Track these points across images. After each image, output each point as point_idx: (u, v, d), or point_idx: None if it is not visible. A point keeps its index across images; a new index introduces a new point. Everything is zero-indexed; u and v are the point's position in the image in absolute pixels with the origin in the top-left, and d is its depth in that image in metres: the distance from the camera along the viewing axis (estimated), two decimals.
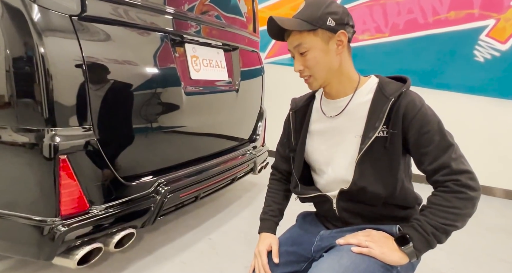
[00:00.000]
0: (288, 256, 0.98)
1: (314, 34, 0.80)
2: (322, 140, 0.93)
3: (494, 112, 2.56)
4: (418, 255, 0.78)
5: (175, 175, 1.45)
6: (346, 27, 0.82)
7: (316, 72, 0.84)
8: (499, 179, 2.64)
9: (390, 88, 0.83)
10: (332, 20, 0.79)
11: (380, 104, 0.82)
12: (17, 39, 0.99)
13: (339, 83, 0.86)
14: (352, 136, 0.86)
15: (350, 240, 0.82)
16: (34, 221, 1.02)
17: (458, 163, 0.76)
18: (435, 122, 0.79)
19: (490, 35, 2.47)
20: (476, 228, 2.04)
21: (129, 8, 1.23)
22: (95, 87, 1.11)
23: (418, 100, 0.81)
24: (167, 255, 1.60)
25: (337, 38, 0.81)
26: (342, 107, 0.87)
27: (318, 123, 0.95)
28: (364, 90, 0.86)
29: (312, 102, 0.98)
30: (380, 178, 0.83)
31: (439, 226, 0.75)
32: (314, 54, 0.82)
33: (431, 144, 0.77)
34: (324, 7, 0.80)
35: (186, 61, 1.54)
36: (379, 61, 2.91)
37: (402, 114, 0.79)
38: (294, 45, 0.83)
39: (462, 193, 0.74)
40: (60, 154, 1.00)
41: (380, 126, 0.80)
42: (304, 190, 0.97)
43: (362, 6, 2.91)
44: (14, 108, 1.02)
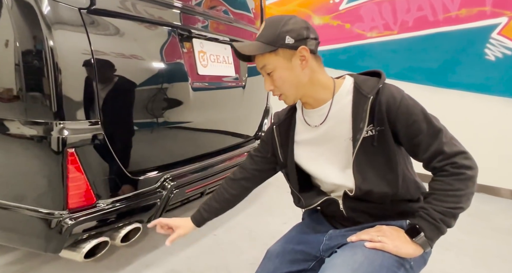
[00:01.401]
0: (295, 254, 0.97)
1: (276, 54, 0.81)
2: (312, 148, 0.92)
3: (504, 112, 2.52)
4: (431, 244, 0.77)
5: (181, 170, 1.45)
6: (307, 41, 0.82)
7: (286, 90, 0.85)
8: (507, 179, 2.60)
9: (367, 86, 0.82)
10: (290, 38, 0.80)
11: (361, 104, 0.81)
12: (26, 32, 0.99)
13: (314, 93, 0.86)
14: (343, 140, 0.85)
15: (362, 236, 0.82)
16: (42, 214, 1.03)
17: (450, 145, 0.76)
18: (419, 111, 0.78)
19: (502, 33, 2.41)
20: (484, 229, 2.01)
21: (137, 2, 1.22)
22: (103, 81, 1.11)
23: (397, 93, 0.80)
24: (172, 250, 1.61)
25: (299, 54, 0.81)
26: (324, 115, 0.87)
27: (304, 134, 0.93)
28: (342, 93, 0.86)
29: (294, 114, 0.96)
30: (382, 177, 0.82)
31: (446, 211, 0.75)
32: (279, 74, 0.83)
33: (421, 133, 0.77)
34: (281, 26, 0.80)
35: (194, 56, 1.53)
36: (387, 59, 2.87)
37: (385, 110, 0.79)
38: (260, 67, 0.85)
39: (462, 174, 0.75)
40: (68, 147, 1.00)
41: (365, 127, 0.80)
42: (308, 200, 0.95)
43: (370, 3, 2.87)
44: (23, 101, 1.02)
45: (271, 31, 0.81)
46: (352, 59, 3.03)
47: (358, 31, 2.98)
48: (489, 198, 2.58)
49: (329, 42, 3.13)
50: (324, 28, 3.14)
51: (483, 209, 2.33)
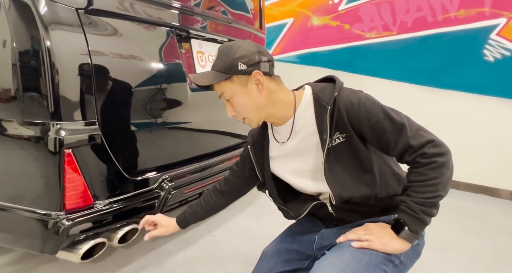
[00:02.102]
0: (290, 254, 0.98)
1: (231, 81, 0.83)
2: (287, 162, 0.93)
3: (502, 113, 2.52)
4: (416, 236, 0.78)
5: (179, 171, 1.45)
6: (260, 65, 0.82)
7: (247, 114, 0.86)
8: (506, 180, 2.60)
9: (325, 96, 0.83)
10: (243, 64, 0.81)
11: (322, 115, 0.82)
12: (23, 32, 0.99)
13: (277, 112, 0.87)
14: (314, 151, 0.86)
15: (350, 236, 0.84)
16: (39, 215, 1.02)
17: (416, 137, 0.77)
18: (379, 110, 0.79)
19: (501, 34, 2.42)
20: (483, 230, 2.01)
21: (135, 2, 1.22)
22: (101, 81, 1.10)
23: (354, 97, 0.81)
24: (170, 251, 1.60)
25: (254, 79, 0.82)
26: (289, 132, 0.88)
27: (276, 150, 0.95)
28: (303, 106, 0.86)
29: (267, 132, 0.98)
30: (358, 180, 0.83)
31: (425, 201, 0.75)
32: (237, 100, 0.85)
33: (385, 132, 0.78)
34: (232, 53, 0.82)
35: (192, 56, 1.53)
36: (386, 59, 2.87)
37: (346, 117, 0.80)
38: (219, 94, 0.87)
39: (433, 163, 0.75)
40: (65, 148, 1.00)
41: (327, 138, 0.81)
42: (296, 210, 0.95)
43: (369, 4, 2.88)
44: (20, 102, 1.02)
45: (223, 60, 0.83)
46: (351, 60, 3.03)
47: (357, 32, 2.98)
48: (488, 199, 2.58)
49: (329, 43, 3.13)
50: (323, 29, 3.14)
51: (482, 209, 2.33)
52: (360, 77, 2.96)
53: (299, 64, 3.33)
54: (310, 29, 3.22)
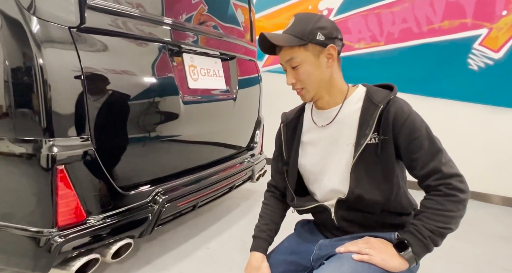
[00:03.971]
0: (287, 265, 0.97)
1: (305, 49, 0.83)
2: (315, 150, 0.93)
3: (488, 119, 2.59)
4: (417, 259, 0.79)
5: (173, 184, 1.45)
6: (336, 41, 0.84)
7: (308, 85, 0.86)
8: (496, 186, 2.64)
9: (378, 96, 0.85)
10: (322, 35, 0.82)
11: (369, 112, 0.84)
12: (16, 50, 1.00)
13: (329, 94, 0.88)
14: (345, 145, 0.87)
15: (350, 248, 0.83)
16: (31, 232, 1.01)
17: (448, 167, 0.78)
18: (424, 128, 0.81)
19: (483, 44, 2.51)
20: (475, 235, 2.04)
21: (127, 20, 1.25)
22: (93, 97, 1.11)
23: (406, 107, 0.83)
24: (165, 264, 1.59)
25: (327, 52, 0.83)
26: (332, 117, 0.89)
27: (309, 134, 0.95)
28: (353, 99, 0.88)
29: (303, 115, 0.99)
30: (375, 184, 0.84)
31: (435, 229, 0.76)
32: (305, 68, 0.84)
33: (421, 150, 0.79)
34: (314, 22, 0.83)
35: (184, 70, 1.55)
36: (375, 69, 2.94)
37: (391, 121, 0.81)
38: (286, 59, 0.86)
39: (454, 196, 0.76)
40: (58, 164, 1.00)
41: (370, 133, 0.82)
42: (301, 202, 0.97)
43: (357, 16, 2.96)
44: (12, 119, 1.02)
45: (303, 26, 0.82)
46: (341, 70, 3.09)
47: (346, 43, 3.05)
48: (479, 204, 2.62)
49: None
50: None
51: (474, 215, 2.36)
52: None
53: None
54: None
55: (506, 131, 2.54)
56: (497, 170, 2.60)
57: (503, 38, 2.43)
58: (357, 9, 2.95)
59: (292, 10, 3.29)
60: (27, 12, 0.97)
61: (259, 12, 3.42)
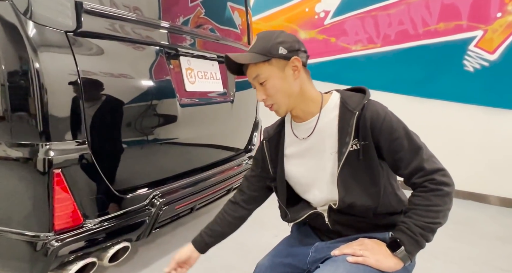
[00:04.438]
0: (284, 268, 0.98)
1: (269, 64, 0.85)
2: (301, 162, 0.94)
3: (484, 120, 2.60)
4: (411, 257, 0.79)
5: (171, 186, 1.45)
6: (299, 53, 0.86)
7: (278, 99, 0.87)
8: (493, 186, 2.66)
9: (353, 102, 0.86)
10: (284, 49, 0.84)
11: (346, 119, 0.85)
12: (12, 54, 1.00)
13: (304, 105, 0.89)
14: (328, 153, 0.88)
15: (345, 250, 0.84)
16: (27, 237, 1.01)
17: (430, 163, 0.80)
18: (401, 128, 0.82)
19: (478, 45, 2.53)
20: (472, 236, 2.05)
21: (124, 23, 1.25)
22: (90, 101, 1.12)
23: (381, 110, 0.84)
24: (162, 268, 1.58)
25: (292, 64, 0.85)
26: (312, 128, 0.90)
27: (292, 147, 0.96)
28: (329, 107, 0.89)
29: (283, 129, 0.99)
30: (364, 190, 0.85)
31: (425, 225, 0.78)
32: (272, 83, 0.85)
33: (402, 150, 0.81)
34: (274, 37, 0.85)
35: (181, 73, 1.55)
36: (371, 71, 2.95)
37: (369, 125, 0.82)
38: (253, 76, 0.88)
39: (440, 191, 0.78)
40: (54, 168, 1.00)
41: (350, 141, 0.83)
42: (294, 214, 0.97)
43: (354, 18, 2.98)
44: (9, 123, 1.02)
45: (264, 43, 0.85)
46: (338, 72, 3.11)
47: (343, 45, 3.07)
48: (476, 205, 2.63)
49: (316, 56, 3.21)
50: (310, 42, 3.22)
51: (471, 216, 2.37)
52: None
53: None
54: None
55: (502, 132, 2.56)
56: (494, 171, 2.62)
57: (498, 39, 2.45)
58: (354, 11, 2.97)
59: (289, 13, 3.31)
60: (24, 17, 0.98)
61: (256, 14, 3.43)
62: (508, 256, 1.81)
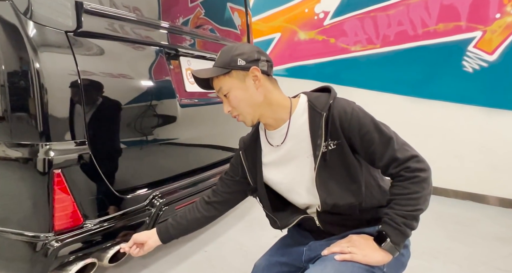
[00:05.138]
0: (281, 267, 0.99)
1: (229, 76, 0.87)
2: (279, 169, 0.95)
3: (483, 121, 2.61)
4: (398, 249, 0.80)
5: (171, 187, 1.45)
6: (259, 62, 0.87)
7: (242, 109, 0.89)
8: (492, 187, 2.66)
9: (320, 103, 0.87)
10: (242, 60, 0.86)
11: (316, 121, 0.86)
12: (12, 54, 1.00)
13: (272, 113, 0.90)
14: (305, 157, 0.89)
15: (333, 249, 0.85)
16: (27, 237, 1.01)
17: (402, 151, 0.80)
18: (370, 122, 0.83)
19: (477, 46, 2.53)
20: (471, 236, 2.05)
21: (124, 23, 1.25)
22: (90, 101, 1.12)
23: (348, 106, 0.85)
24: (162, 269, 1.58)
25: (251, 74, 0.86)
26: (284, 135, 0.91)
27: (269, 156, 0.97)
28: (298, 112, 0.90)
29: (259, 138, 1.00)
30: (344, 188, 0.86)
31: (407, 214, 0.78)
32: (234, 94, 0.87)
33: (374, 143, 0.82)
34: (233, 50, 0.87)
35: (181, 74, 1.55)
36: (371, 72, 2.96)
37: (338, 124, 0.83)
38: (217, 89, 0.90)
39: (416, 177, 0.78)
40: (54, 168, 1.00)
41: (322, 143, 0.84)
42: (284, 221, 0.97)
43: (353, 19, 2.98)
44: (9, 123, 1.02)
45: (224, 56, 0.87)
46: (338, 72, 3.12)
47: (342, 46, 3.08)
48: (475, 205, 2.63)
49: (315, 57, 3.22)
50: (309, 43, 3.23)
51: (470, 216, 2.38)
52: (347, 88, 3.03)
53: (288, 77, 3.40)
54: (297, 44, 3.31)
55: (501, 132, 2.57)
56: (493, 171, 2.62)
57: (497, 40, 2.46)
58: (353, 12, 2.97)
59: (289, 13, 3.31)
60: (24, 17, 0.98)
61: (255, 15, 3.44)
62: (508, 256, 1.82)
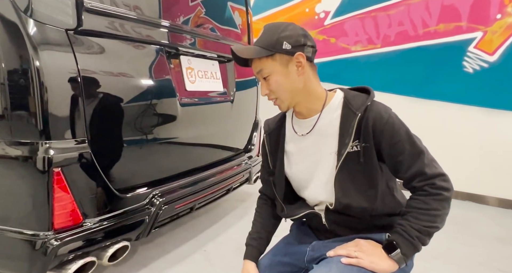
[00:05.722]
0: (282, 267, 0.98)
1: (272, 59, 0.83)
2: (300, 159, 0.94)
3: (483, 121, 2.61)
4: (406, 260, 0.79)
5: (170, 186, 1.45)
6: (304, 48, 0.83)
7: (281, 94, 0.86)
8: (492, 187, 2.66)
9: (356, 103, 0.85)
10: (288, 44, 0.82)
11: (348, 120, 0.84)
12: (12, 52, 1.00)
13: (307, 102, 0.88)
14: (328, 153, 0.87)
15: (340, 252, 0.83)
16: (26, 235, 1.01)
17: (431, 167, 0.79)
18: (404, 131, 0.81)
19: (478, 47, 2.53)
20: (471, 237, 2.05)
21: (125, 22, 1.25)
22: (90, 100, 1.11)
23: (384, 111, 0.83)
24: (161, 268, 1.58)
25: (296, 60, 0.83)
26: (312, 126, 0.89)
27: (292, 143, 0.95)
28: (332, 106, 0.88)
29: (284, 123, 0.98)
30: (361, 192, 0.84)
31: (422, 229, 0.77)
32: (275, 78, 0.84)
33: (403, 153, 0.80)
34: (280, 31, 0.83)
35: (181, 73, 1.55)
36: (371, 71, 2.95)
37: (371, 127, 0.81)
38: (257, 71, 0.87)
39: (439, 195, 0.78)
40: (54, 167, 1.00)
41: (350, 143, 0.82)
42: (291, 211, 0.97)
43: (354, 18, 2.98)
44: (9, 121, 1.02)
45: (269, 36, 0.82)
46: (338, 72, 3.11)
47: (343, 45, 3.08)
48: (475, 206, 2.64)
49: (315, 56, 3.21)
50: None
51: (470, 217, 2.38)
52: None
53: None
54: None
55: (501, 133, 2.57)
56: (493, 171, 2.62)
57: (498, 41, 2.46)
58: (354, 12, 2.97)
59: (290, 13, 3.31)
60: (24, 15, 0.97)
61: (256, 14, 3.43)
62: (507, 257, 1.82)
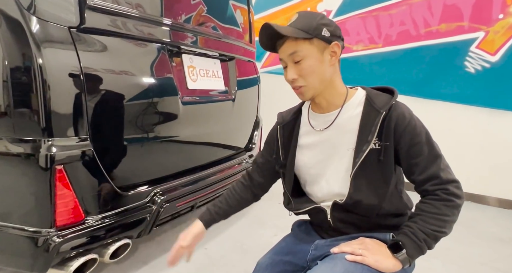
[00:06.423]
0: (284, 266, 0.98)
1: (310, 43, 0.81)
2: (313, 153, 0.93)
3: (485, 121, 2.61)
4: (411, 261, 0.79)
5: (172, 184, 1.45)
6: (339, 40, 0.84)
7: (310, 81, 0.83)
8: (492, 187, 2.66)
9: (380, 101, 0.85)
10: (327, 31, 0.81)
11: (371, 118, 0.83)
12: (15, 50, 1.00)
13: (329, 95, 0.87)
14: (345, 149, 0.87)
15: (344, 249, 0.83)
16: (29, 232, 1.01)
17: (446, 173, 0.80)
18: (424, 134, 0.82)
19: (480, 47, 2.53)
20: (471, 236, 2.05)
21: (127, 20, 1.25)
22: (93, 97, 1.12)
23: (407, 112, 0.83)
24: (163, 265, 1.59)
25: (331, 49, 0.83)
26: (330, 121, 0.88)
27: (307, 137, 0.95)
28: (353, 103, 0.87)
29: (300, 117, 0.98)
30: (374, 189, 0.84)
31: (430, 233, 0.78)
32: (309, 63, 0.81)
33: (421, 155, 0.80)
34: (319, 18, 0.82)
35: (183, 71, 1.55)
36: (372, 71, 2.96)
37: (393, 126, 0.81)
38: (289, 53, 0.82)
39: (451, 201, 0.78)
40: (57, 164, 1.00)
41: (373, 140, 0.82)
42: (297, 205, 0.97)
43: (355, 18, 2.98)
44: (11, 119, 1.02)
45: (308, 21, 0.81)
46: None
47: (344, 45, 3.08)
48: (475, 206, 2.64)
49: None
50: None
51: (470, 217, 2.38)
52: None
53: None
54: None
55: (502, 133, 2.57)
56: (494, 172, 2.62)
57: (500, 41, 2.46)
58: (355, 12, 2.97)
59: (291, 12, 3.30)
60: (27, 12, 0.97)
61: (258, 13, 3.43)
62: (507, 257, 1.82)
